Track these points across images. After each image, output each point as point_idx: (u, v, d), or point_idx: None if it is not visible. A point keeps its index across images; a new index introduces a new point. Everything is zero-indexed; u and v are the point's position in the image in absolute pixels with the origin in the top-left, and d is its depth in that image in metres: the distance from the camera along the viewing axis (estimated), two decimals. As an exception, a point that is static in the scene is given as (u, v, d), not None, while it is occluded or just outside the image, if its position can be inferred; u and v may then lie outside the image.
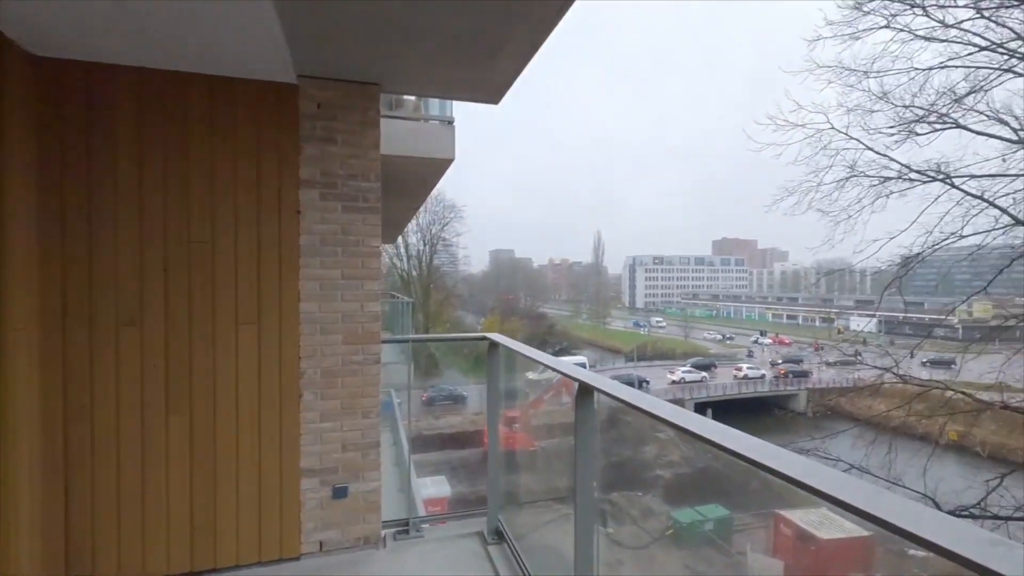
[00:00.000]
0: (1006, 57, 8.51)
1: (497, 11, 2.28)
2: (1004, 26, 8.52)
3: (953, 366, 10.35)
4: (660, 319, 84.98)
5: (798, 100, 10.18)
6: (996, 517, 8.56)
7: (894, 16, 9.21)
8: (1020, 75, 8.54)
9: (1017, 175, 8.59)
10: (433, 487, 16.03)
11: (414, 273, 44.64)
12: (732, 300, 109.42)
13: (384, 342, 3.25)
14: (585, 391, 1.89)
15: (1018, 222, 8.48)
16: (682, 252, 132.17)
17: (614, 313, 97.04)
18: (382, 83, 3.19)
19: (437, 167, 5.09)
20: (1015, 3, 8.28)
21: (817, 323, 75.23)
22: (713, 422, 1.26)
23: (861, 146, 9.76)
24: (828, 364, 39.33)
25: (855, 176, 9.82)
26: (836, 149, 9.97)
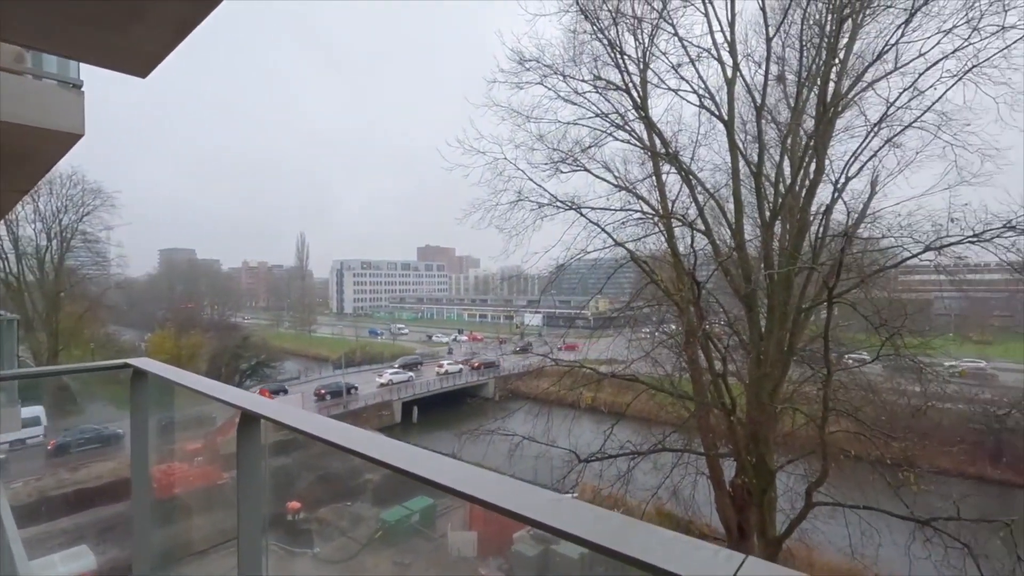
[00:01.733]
0: (608, 124, 11.97)
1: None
2: (609, 102, 12.00)
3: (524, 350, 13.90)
4: (402, 326, 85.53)
5: (480, 130, 11.87)
6: (609, 456, 11.84)
7: (545, 77, 11.81)
8: (616, 140, 12.15)
9: (616, 209, 12.18)
10: (65, 564, 12.36)
11: (31, 277, 32.58)
12: (435, 303, 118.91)
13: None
14: (250, 419, 1.73)
15: (617, 243, 11.99)
16: (391, 257, 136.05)
17: (321, 320, 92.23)
18: (-65, 13, 2.20)
19: (55, 142, 3.82)
20: (614, 88, 11.73)
21: (502, 320, 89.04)
22: (372, 434, 1.33)
23: (525, 176, 12.09)
24: (483, 359, 46.49)
25: (522, 200, 12.12)
26: (508, 176, 12.11)
